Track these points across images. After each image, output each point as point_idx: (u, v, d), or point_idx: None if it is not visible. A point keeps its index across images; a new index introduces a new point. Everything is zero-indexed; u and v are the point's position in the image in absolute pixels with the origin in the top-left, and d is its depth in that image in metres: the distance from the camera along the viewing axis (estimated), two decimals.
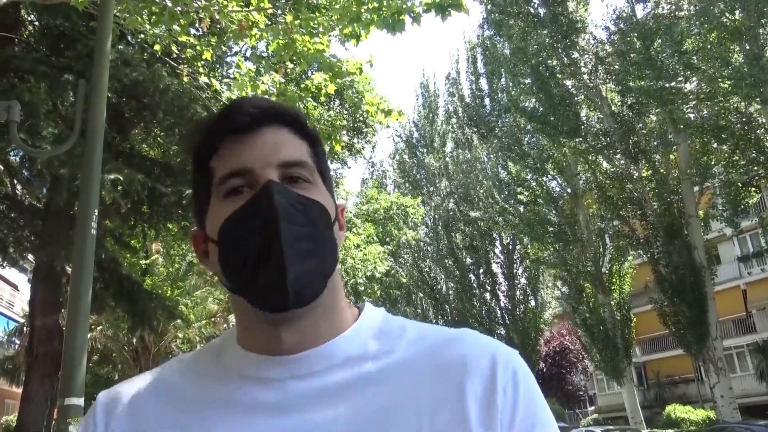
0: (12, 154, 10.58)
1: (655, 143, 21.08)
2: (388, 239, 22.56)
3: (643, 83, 18.60)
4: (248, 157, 0.71)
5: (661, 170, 20.90)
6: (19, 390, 19.82)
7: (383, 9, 6.44)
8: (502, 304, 30.89)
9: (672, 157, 21.08)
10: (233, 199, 0.70)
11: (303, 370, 0.70)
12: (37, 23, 10.29)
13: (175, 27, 7.22)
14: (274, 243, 0.65)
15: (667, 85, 17.92)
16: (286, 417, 0.67)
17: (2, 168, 11.11)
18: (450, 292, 33.34)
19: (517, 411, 0.70)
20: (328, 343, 0.72)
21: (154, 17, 7.21)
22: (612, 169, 21.93)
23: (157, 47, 7.78)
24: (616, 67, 20.43)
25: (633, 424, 21.99)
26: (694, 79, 18.05)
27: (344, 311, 0.77)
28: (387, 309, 0.82)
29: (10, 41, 8.08)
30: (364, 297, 19.21)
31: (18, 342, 25.47)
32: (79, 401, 5.31)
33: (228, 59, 12.24)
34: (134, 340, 17.54)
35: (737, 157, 18.55)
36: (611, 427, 19.16)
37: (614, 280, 22.97)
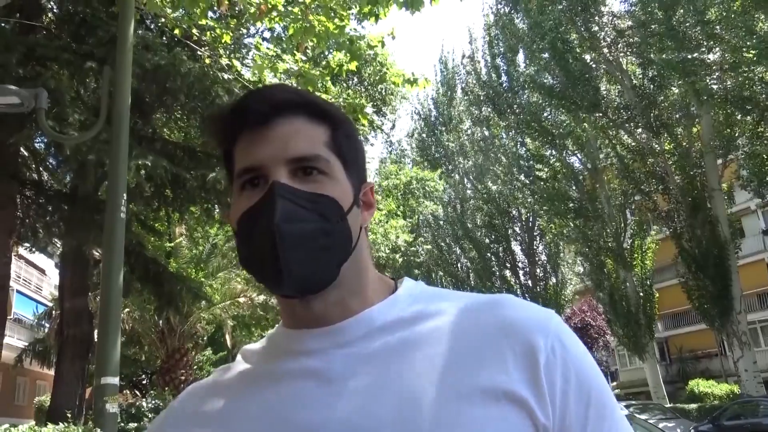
0: (37, 141, 10.74)
1: (677, 116, 20.73)
2: (409, 213, 22.64)
3: (664, 55, 18.26)
4: (260, 153, 0.74)
5: (684, 143, 20.58)
6: (50, 371, 20.28)
7: None
8: (522, 282, 30.75)
9: (694, 129, 20.74)
10: (248, 193, 0.74)
11: (344, 338, 0.74)
12: (57, 10, 10.36)
13: (195, 11, 7.24)
14: (274, 246, 0.69)
15: (689, 56, 17.58)
16: (331, 383, 0.71)
17: (28, 155, 11.29)
18: (470, 271, 33.23)
19: (569, 371, 0.70)
20: (366, 311, 0.76)
21: (173, 0, 7.23)
22: (633, 144, 21.65)
23: (177, 31, 7.81)
24: (637, 39, 20.06)
25: (656, 399, 21.95)
26: (718, 49, 17.68)
27: (375, 286, 0.80)
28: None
29: (33, 29, 8.17)
30: (387, 269, 19.39)
31: (47, 325, 26.02)
32: (115, 380, 5.45)
33: (246, 41, 12.23)
34: (160, 322, 17.83)
35: (762, 129, 18.20)
36: (634, 402, 19.13)
37: (636, 255, 22.80)
